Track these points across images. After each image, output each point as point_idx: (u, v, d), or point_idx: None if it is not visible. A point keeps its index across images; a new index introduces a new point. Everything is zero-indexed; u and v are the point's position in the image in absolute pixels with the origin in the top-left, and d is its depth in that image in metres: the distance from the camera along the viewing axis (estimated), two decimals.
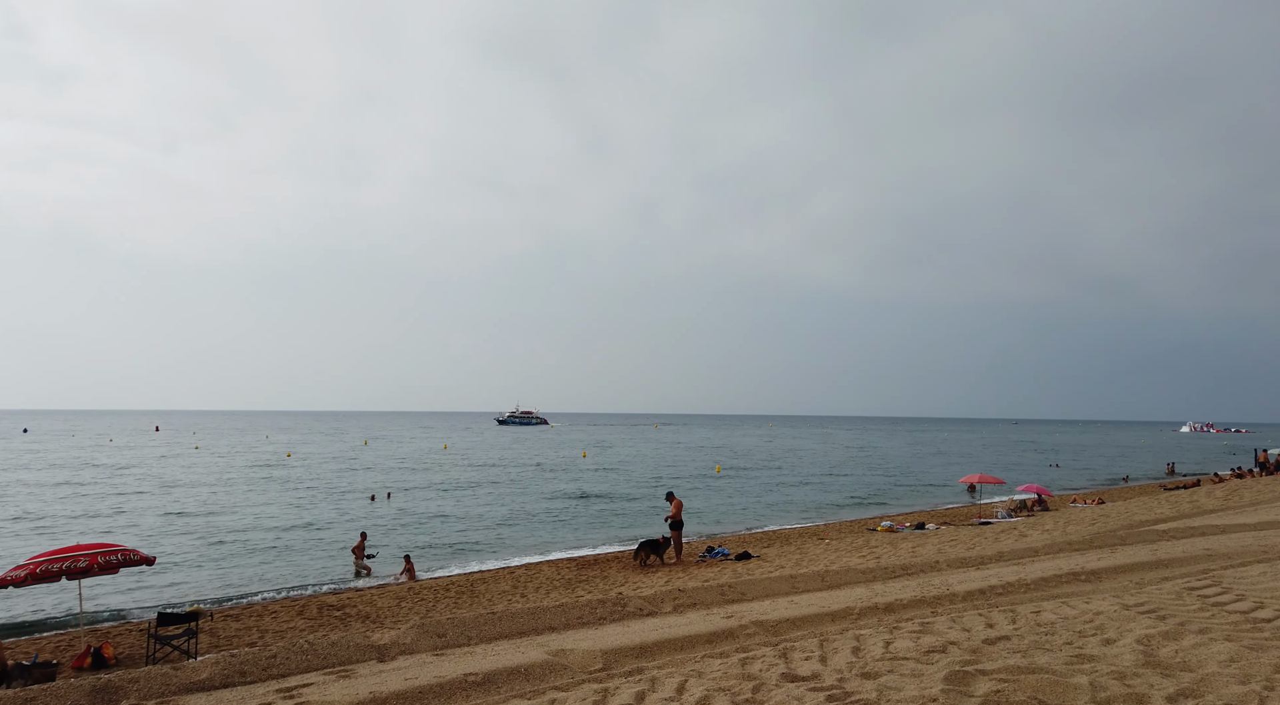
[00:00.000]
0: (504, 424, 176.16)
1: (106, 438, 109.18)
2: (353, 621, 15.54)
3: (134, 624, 16.20)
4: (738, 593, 7.31)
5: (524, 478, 53.35)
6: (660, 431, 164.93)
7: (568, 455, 78.84)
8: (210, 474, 53.56)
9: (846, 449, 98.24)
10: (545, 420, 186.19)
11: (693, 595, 7.27)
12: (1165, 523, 13.32)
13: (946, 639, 5.42)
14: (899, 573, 7.86)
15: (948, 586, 6.46)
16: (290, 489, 44.42)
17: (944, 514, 30.59)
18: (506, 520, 33.03)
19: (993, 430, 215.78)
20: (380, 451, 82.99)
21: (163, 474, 52.85)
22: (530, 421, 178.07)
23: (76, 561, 13.39)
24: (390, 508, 37.04)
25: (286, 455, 73.72)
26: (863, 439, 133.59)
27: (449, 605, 16.80)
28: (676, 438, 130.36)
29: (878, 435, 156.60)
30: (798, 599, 6.72)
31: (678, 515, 21.04)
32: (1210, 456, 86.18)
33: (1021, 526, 17.89)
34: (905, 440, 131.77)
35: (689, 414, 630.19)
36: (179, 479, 49.52)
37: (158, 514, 33.56)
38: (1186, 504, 17.40)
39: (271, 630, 15.05)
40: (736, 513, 35.39)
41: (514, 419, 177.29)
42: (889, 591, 6.52)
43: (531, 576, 19.92)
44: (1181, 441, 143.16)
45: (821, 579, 7.67)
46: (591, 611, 6.86)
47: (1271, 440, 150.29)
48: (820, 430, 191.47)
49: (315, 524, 31.44)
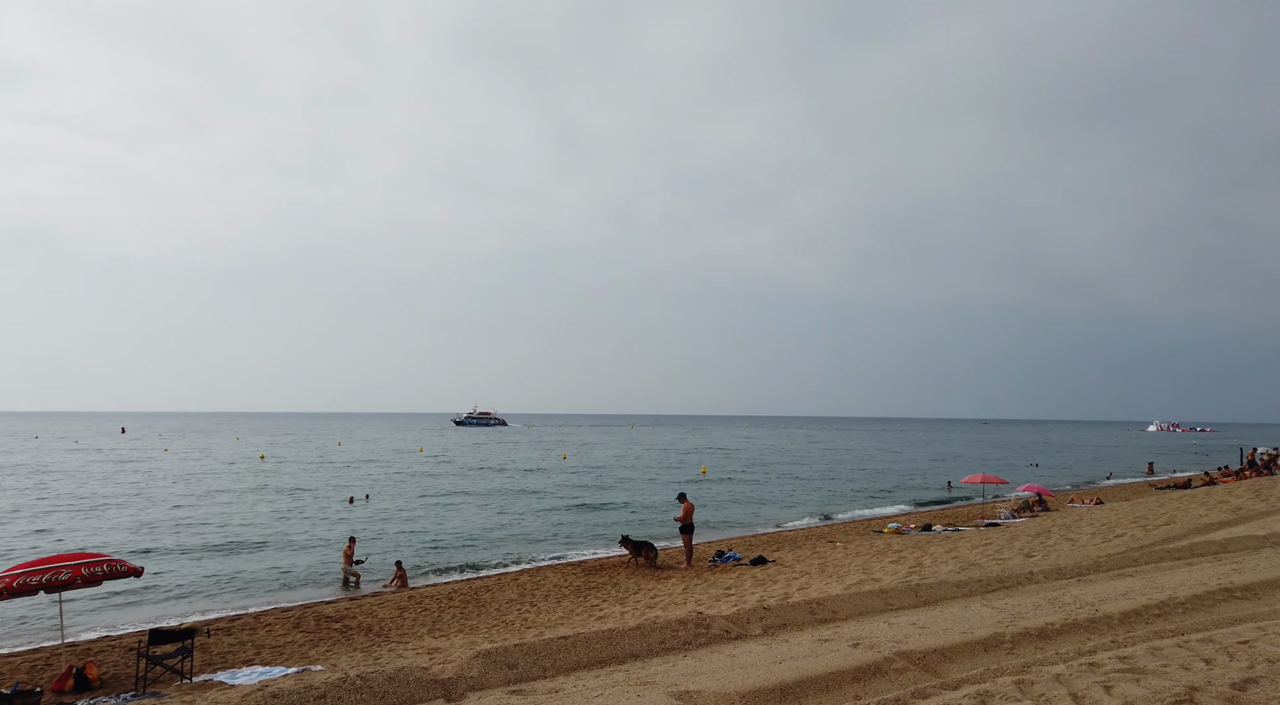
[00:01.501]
0: (461, 425, 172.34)
1: (71, 440, 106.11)
2: (355, 635, 14.57)
3: (117, 639, 15.06)
4: (828, 611, 6.53)
5: (506, 479, 52.30)
6: (636, 432, 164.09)
7: (548, 456, 77.79)
8: (183, 477, 51.84)
9: (826, 449, 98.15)
10: (504, 421, 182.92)
11: (779, 614, 6.49)
12: (1225, 527, 12.74)
13: (1178, 681, 4.45)
14: (995, 586, 7.14)
15: (1093, 606, 5.69)
16: (267, 492, 43.00)
17: (947, 515, 30.16)
18: (495, 523, 32.05)
19: (964, 430, 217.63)
20: (355, 453, 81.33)
21: (132, 478, 51.04)
22: (488, 422, 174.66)
23: (57, 573, 12.30)
24: (369, 510, 35.91)
25: (260, 457, 71.88)
26: (842, 440, 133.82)
27: (455, 616, 15.89)
28: (654, 438, 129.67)
29: (856, 436, 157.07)
30: (905, 619, 5.94)
31: (688, 518, 20.25)
32: (1181, 456, 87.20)
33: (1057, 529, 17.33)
34: (883, 440, 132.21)
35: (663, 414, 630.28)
36: (149, 483, 47.82)
37: (129, 520, 32.13)
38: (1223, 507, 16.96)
39: (268, 645, 14.05)
40: (728, 514, 34.72)
41: (472, 420, 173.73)
42: (1014, 611, 5.78)
43: (537, 584, 19.03)
44: (1150, 441, 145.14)
45: (914, 594, 6.93)
46: (673, 634, 6.05)
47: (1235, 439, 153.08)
48: (798, 431, 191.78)
49: (296, 528, 30.25)
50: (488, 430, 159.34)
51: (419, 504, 38.43)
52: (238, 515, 33.61)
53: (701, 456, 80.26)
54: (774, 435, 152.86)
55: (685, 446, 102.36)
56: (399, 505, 37.98)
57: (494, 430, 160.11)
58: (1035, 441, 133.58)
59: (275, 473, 56.20)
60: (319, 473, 56.96)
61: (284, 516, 33.41)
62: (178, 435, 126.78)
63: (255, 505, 37.15)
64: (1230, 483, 34.16)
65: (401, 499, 40.67)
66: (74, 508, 35.79)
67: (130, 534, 28.76)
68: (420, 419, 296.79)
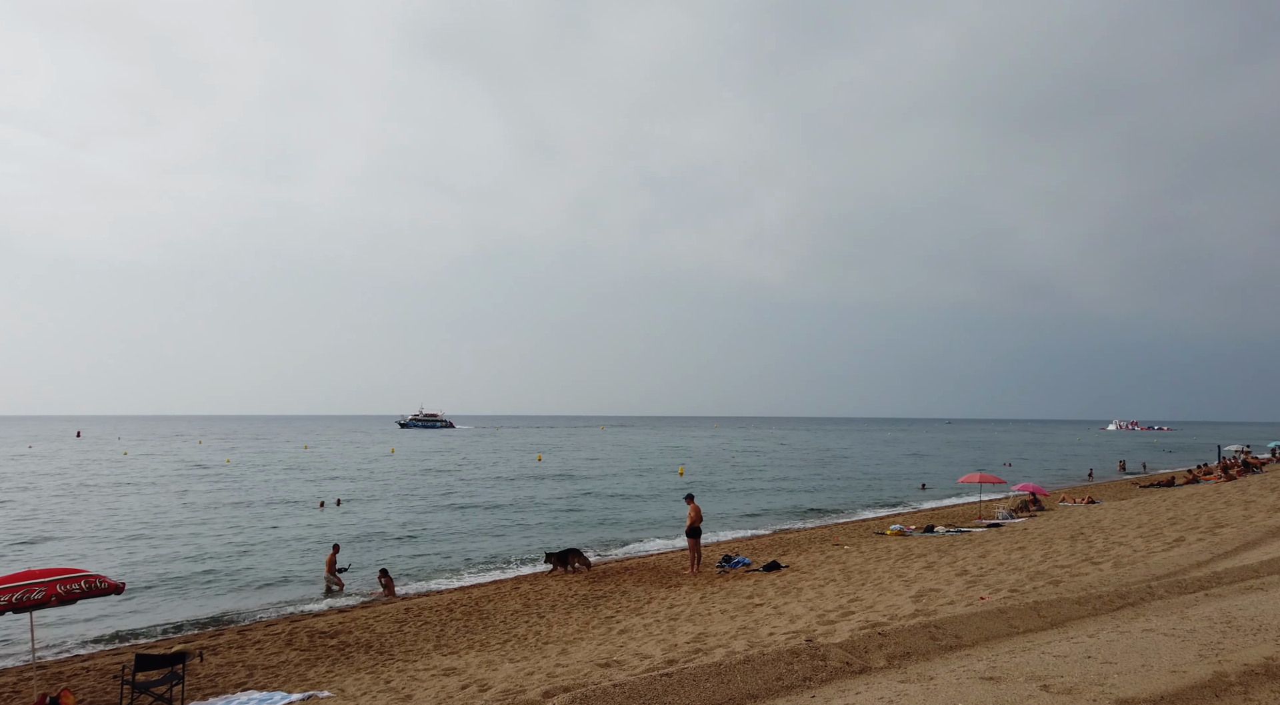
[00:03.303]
0: (407, 427, 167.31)
1: (25, 444, 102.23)
2: (355, 652, 13.52)
3: (92, 660, 13.82)
4: (950, 635, 5.75)
5: (480, 483, 51.07)
6: (607, 433, 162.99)
7: (521, 459, 76.55)
8: (145, 483, 49.80)
9: (798, 450, 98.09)
10: (451, 423, 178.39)
11: (896, 640, 5.69)
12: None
13: None
14: (1118, 602, 6.43)
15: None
16: (235, 497, 41.34)
17: (945, 515, 29.74)
18: (474, 527, 30.98)
19: (930, 430, 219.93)
20: (322, 456, 79.31)
21: (93, 484, 48.88)
22: (435, 425, 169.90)
23: (29, 592, 11.12)
24: (341, 515, 34.58)
25: (225, 461, 69.66)
26: (811, 440, 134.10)
27: (460, 629, 14.89)
28: (625, 440, 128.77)
29: (825, 436, 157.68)
30: (1057, 648, 5.15)
31: (696, 521, 19.43)
32: (1146, 453, 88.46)
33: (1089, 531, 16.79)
34: (852, 440, 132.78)
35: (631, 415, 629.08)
36: (111, 489, 45.81)
37: (92, 530, 30.48)
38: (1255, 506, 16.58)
39: (260, 665, 12.95)
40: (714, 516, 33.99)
41: (417, 422, 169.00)
42: (1188, 636, 5.02)
43: (540, 593, 18.07)
44: (1111, 439, 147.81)
45: (1037, 613, 6.18)
46: (787, 667, 5.21)
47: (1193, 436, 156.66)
48: (766, 431, 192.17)
49: (269, 535, 28.87)
50: (435, 432, 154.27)
51: (393, 508, 37.15)
52: (207, 523, 32.10)
53: (675, 457, 79.59)
54: (744, 436, 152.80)
55: (657, 447, 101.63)
56: (372, 509, 36.69)
57: (441, 432, 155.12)
58: (1002, 440, 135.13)
59: (242, 477, 54.33)
60: (287, 477, 55.20)
61: (255, 523, 31.97)
62: (137, 439, 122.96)
63: (224, 512, 35.59)
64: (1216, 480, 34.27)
65: (374, 503, 39.35)
66: (28, 518, 33.94)
67: (91, 545, 27.18)
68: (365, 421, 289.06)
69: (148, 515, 34.26)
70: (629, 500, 40.55)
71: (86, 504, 38.14)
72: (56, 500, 39.60)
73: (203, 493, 43.78)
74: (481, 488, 47.35)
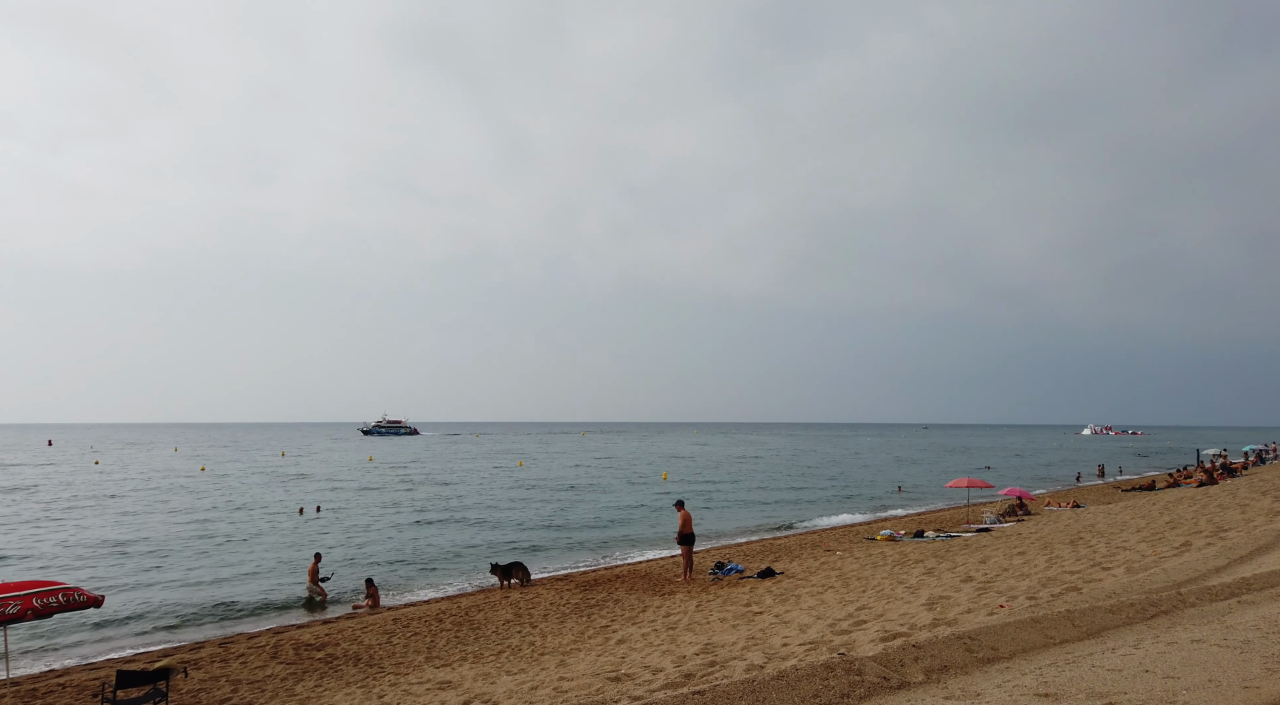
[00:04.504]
0: (369, 434, 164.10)
1: None
2: (344, 665, 13.08)
3: (71, 678, 13.27)
4: (986, 647, 5.51)
5: (462, 488, 50.50)
6: (588, 440, 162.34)
7: (502, 465, 75.93)
8: (120, 492, 48.72)
9: (780, 455, 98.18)
10: (415, 430, 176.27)
11: (933, 652, 5.43)
12: None
13: None
14: (1151, 611, 6.23)
15: None
16: (212, 505, 40.51)
17: (934, 520, 29.68)
18: (462, 535, 30.49)
19: (908, 435, 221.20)
20: (299, 463, 78.20)
21: (65, 494, 47.74)
22: (399, 431, 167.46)
23: (4, 606, 10.69)
24: (321, 522, 33.96)
25: (200, 469, 68.44)
26: (791, 445, 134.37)
27: (451, 640, 14.49)
28: (607, 446, 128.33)
29: (804, 441, 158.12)
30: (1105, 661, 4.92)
31: (687, 528, 19.15)
32: (1122, 457, 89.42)
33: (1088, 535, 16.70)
34: (832, 446, 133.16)
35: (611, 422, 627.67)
36: (85, 499, 44.75)
37: (62, 541, 29.66)
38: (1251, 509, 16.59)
39: (245, 680, 12.48)
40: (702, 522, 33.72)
41: (380, 428, 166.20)
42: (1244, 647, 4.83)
43: (532, 602, 17.69)
44: (1087, 443, 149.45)
45: (1071, 623, 5.96)
46: (823, 683, 4.95)
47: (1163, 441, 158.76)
48: (747, 437, 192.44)
49: (248, 544, 28.23)
50: (408, 440, 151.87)
51: (375, 515, 36.55)
52: (184, 531, 31.36)
53: (658, 463, 79.32)
54: (725, 442, 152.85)
55: (640, 453, 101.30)
56: (354, 517, 36.07)
57: (412, 440, 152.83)
58: (980, 445, 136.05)
59: (218, 485, 53.34)
60: (264, 483, 54.30)
61: (234, 532, 31.27)
62: (108, 447, 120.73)
63: (201, 520, 34.82)
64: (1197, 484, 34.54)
65: (355, 510, 38.73)
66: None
67: (65, 556, 26.42)
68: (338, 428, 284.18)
69: (124, 525, 33.44)
70: (615, 506, 40.19)
71: (61, 514, 37.18)
72: (31, 510, 38.58)
73: (179, 501, 42.87)
74: (464, 494, 46.79)
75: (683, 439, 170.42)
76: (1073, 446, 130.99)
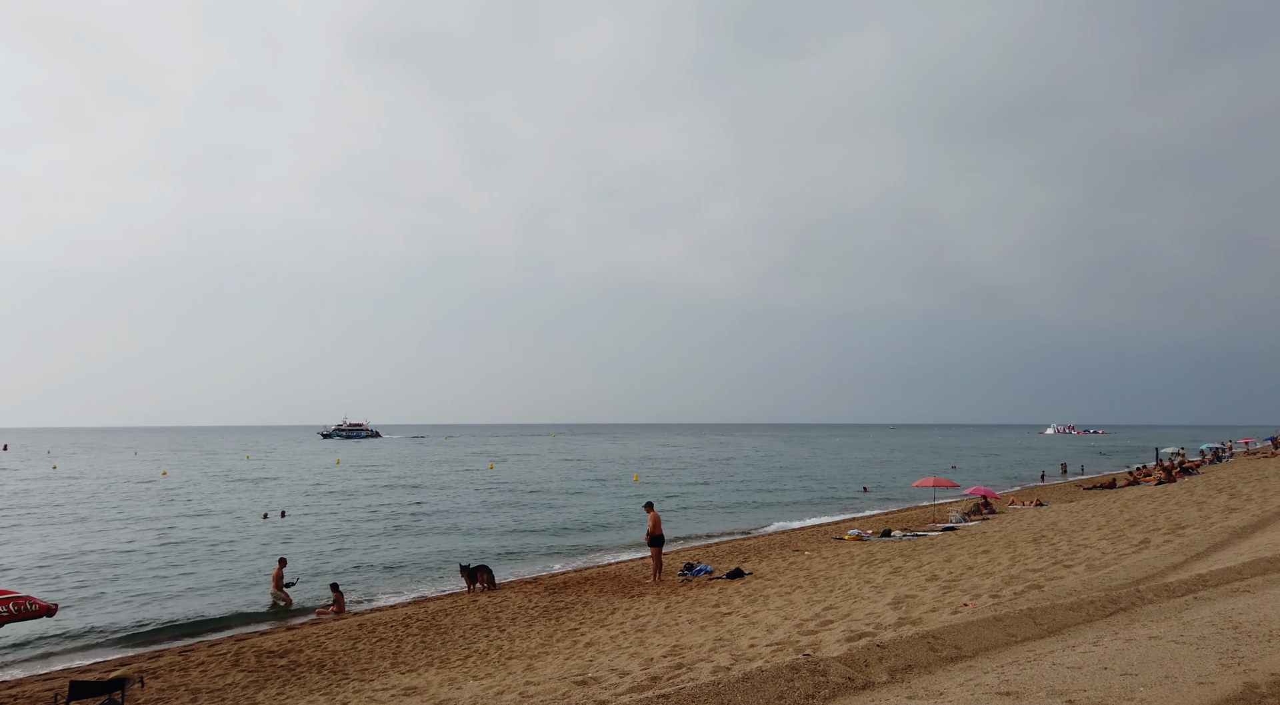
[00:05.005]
0: (329, 437, 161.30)
1: None
2: (307, 672, 12.86)
3: (23, 688, 12.88)
4: (949, 646, 5.54)
5: (431, 492, 50.07)
6: (559, 441, 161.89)
7: (472, 468, 75.44)
8: (79, 497, 47.61)
9: (750, 456, 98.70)
10: (377, 432, 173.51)
11: (897, 652, 5.45)
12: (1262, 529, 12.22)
13: None
14: (1110, 608, 6.30)
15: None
16: (174, 511, 39.73)
17: (900, 519, 29.96)
18: (430, 539, 30.19)
19: (876, 435, 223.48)
20: (264, 467, 77.03)
21: (21, 501, 46.52)
22: (360, 435, 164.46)
23: None
24: (286, 527, 33.43)
25: (162, 473, 67.12)
26: (761, 446, 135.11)
27: (417, 645, 14.31)
28: (578, 448, 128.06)
29: (774, 442, 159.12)
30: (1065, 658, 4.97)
31: (656, 529, 19.13)
32: (1084, 456, 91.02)
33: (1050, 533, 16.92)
34: (801, 446, 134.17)
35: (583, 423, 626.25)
36: (42, 506, 43.66)
37: (20, 551, 28.89)
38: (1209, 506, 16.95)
39: (205, 689, 12.22)
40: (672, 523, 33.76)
41: (341, 432, 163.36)
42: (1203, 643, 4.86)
43: (500, 606, 17.55)
44: (1051, 442, 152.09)
45: (1033, 621, 6.01)
46: (788, 685, 4.93)
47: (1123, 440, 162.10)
48: (717, 438, 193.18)
49: (211, 550, 27.71)
50: (360, 443, 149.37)
51: (341, 519, 36.08)
52: (146, 538, 30.71)
53: (629, 465, 79.30)
54: (697, 443, 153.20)
55: (611, 455, 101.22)
56: (320, 521, 35.58)
57: (367, 442, 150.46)
58: (946, 445, 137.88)
59: (180, 490, 52.35)
60: (227, 488, 53.40)
61: (196, 537, 30.68)
62: (67, 452, 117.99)
63: (163, 525, 34.13)
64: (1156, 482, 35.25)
65: (321, 514, 38.20)
66: None
67: (19, 564, 25.72)
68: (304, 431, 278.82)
69: (82, 531, 32.67)
70: (585, 508, 40.07)
71: (18, 520, 36.22)
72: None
73: (140, 506, 41.99)
74: (432, 497, 46.40)
75: (654, 440, 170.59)
76: (1036, 446, 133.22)
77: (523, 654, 12.52)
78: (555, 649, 12.57)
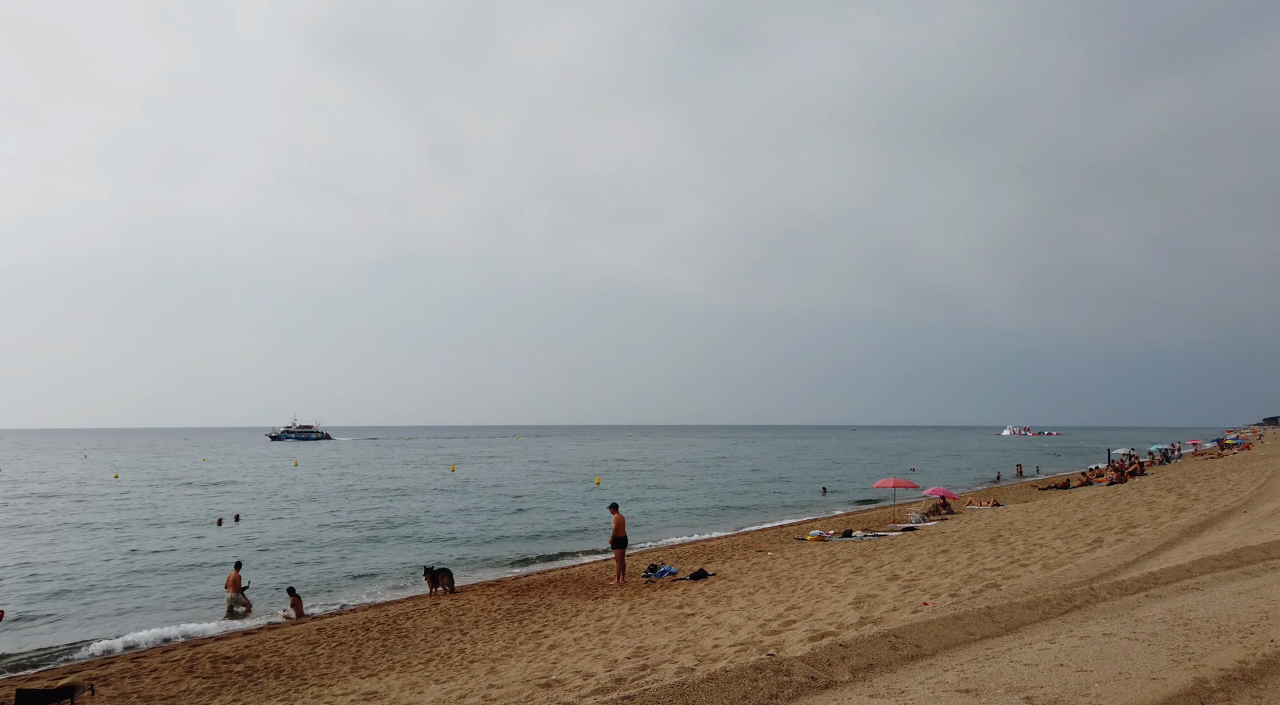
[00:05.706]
0: (278, 440, 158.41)
1: None
2: (264, 678, 12.62)
3: None
4: (910, 645, 5.61)
5: (392, 495, 49.48)
6: (522, 444, 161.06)
7: (434, 470, 74.70)
8: (26, 502, 46.20)
9: (713, 457, 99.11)
10: (328, 435, 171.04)
11: (860, 651, 5.51)
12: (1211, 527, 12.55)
13: None
14: (1065, 606, 6.43)
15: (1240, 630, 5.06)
16: (126, 515, 38.74)
17: (861, 520, 30.32)
18: (391, 541, 29.85)
19: (836, 436, 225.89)
20: (220, 470, 75.48)
21: None
22: (309, 436, 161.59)
23: None
24: (241, 532, 32.78)
25: (114, 476, 65.41)
26: (722, 448, 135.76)
27: (378, 650, 14.13)
28: (541, 450, 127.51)
29: (735, 444, 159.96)
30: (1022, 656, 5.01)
31: (620, 531, 19.13)
32: (1039, 457, 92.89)
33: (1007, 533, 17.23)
34: (762, 447, 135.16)
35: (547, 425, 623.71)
36: None
37: None
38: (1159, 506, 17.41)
39: (158, 696, 11.93)
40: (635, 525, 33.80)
41: (290, 434, 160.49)
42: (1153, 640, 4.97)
43: (463, 608, 17.40)
44: (1006, 444, 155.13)
45: (991, 619, 6.12)
46: (752, 685, 4.96)
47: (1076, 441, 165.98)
48: (679, 439, 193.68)
49: (164, 556, 27.08)
50: (310, 445, 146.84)
51: (298, 523, 35.49)
52: (96, 543, 29.92)
53: (592, 467, 79.18)
54: (660, 444, 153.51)
55: (574, 457, 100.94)
56: (276, 525, 34.95)
57: (320, 445, 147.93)
58: (906, 446, 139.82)
59: (133, 493, 51.06)
60: (181, 493, 52.20)
61: (148, 542, 29.96)
62: (13, 455, 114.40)
63: (114, 531, 33.27)
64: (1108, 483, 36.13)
65: (277, 518, 37.53)
66: None
67: None
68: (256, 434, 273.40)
69: (29, 536, 31.71)
70: (548, 511, 39.91)
71: None
72: None
73: (91, 511, 40.87)
74: (393, 500, 45.85)
75: (617, 442, 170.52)
76: (993, 447, 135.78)
77: (486, 657, 12.43)
78: (519, 652, 12.50)
